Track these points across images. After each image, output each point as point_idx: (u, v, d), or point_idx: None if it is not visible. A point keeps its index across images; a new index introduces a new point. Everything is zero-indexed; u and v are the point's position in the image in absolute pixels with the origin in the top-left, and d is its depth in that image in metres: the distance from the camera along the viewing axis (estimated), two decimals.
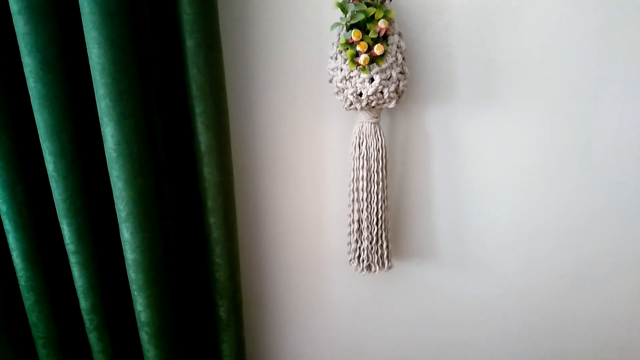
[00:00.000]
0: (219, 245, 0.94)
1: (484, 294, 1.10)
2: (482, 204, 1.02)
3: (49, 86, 0.78)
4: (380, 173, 0.92)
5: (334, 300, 1.15)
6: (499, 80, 0.92)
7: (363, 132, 0.91)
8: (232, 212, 0.94)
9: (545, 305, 1.09)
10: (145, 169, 0.83)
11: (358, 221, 0.96)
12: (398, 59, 0.84)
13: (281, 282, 1.15)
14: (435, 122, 0.97)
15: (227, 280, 0.97)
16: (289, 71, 0.96)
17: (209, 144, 0.86)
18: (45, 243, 0.93)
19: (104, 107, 0.77)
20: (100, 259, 0.93)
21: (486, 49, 0.91)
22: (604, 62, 0.90)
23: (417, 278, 1.11)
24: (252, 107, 0.99)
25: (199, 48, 0.80)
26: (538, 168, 0.98)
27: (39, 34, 0.75)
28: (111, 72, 0.75)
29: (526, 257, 1.05)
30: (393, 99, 0.86)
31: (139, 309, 0.92)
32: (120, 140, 0.79)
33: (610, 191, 0.98)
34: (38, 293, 0.94)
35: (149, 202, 0.85)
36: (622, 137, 0.94)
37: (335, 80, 0.87)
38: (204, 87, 0.82)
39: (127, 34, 0.75)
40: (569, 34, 0.88)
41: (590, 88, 0.92)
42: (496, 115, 0.95)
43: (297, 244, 1.10)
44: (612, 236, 1.02)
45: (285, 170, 1.04)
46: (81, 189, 0.86)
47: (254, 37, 0.94)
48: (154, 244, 0.88)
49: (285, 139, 1.01)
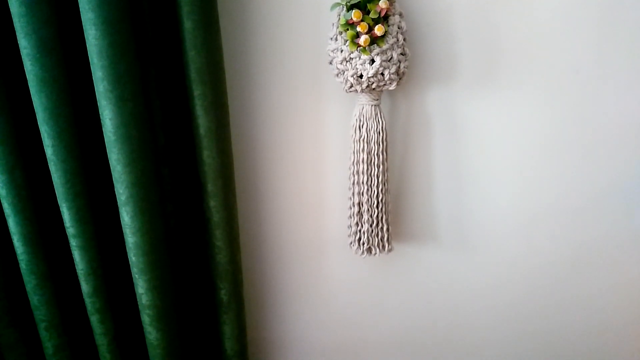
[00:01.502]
0: (219, 228, 0.94)
1: (483, 277, 1.11)
2: (483, 187, 1.02)
3: (46, 68, 0.78)
4: (380, 156, 0.92)
5: (334, 282, 1.15)
6: (501, 62, 0.92)
7: (363, 115, 0.90)
8: (232, 195, 0.94)
9: (545, 288, 1.10)
10: (144, 152, 0.82)
11: (358, 204, 0.96)
12: (399, 40, 0.83)
13: (282, 265, 1.15)
14: (436, 105, 0.96)
15: (227, 263, 0.98)
16: (288, 53, 0.95)
17: (208, 126, 0.85)
18: (46, 226, 0.93)
19: (102, 90, 0.76)
20: (100, 242, 0.93)
21: (488, 30, 0.90)
22: (606, 44, 0.89)
23: (417, 261, 1.11)
24: (251, 89, 0.98)
25: (197, 29, 0.79)
26: (539, 151, 0.98)
27: (34, 15, 0.75)
28: (109, 54, 0.74)
29: (526, 240, 1.06)
30: (394, 80, 0.85)
31: (140, 292, 0.93)
32: (119, 124, 0.79)
33: (611, 175, 0.98)
34: (39, 276, 0.95)
35: (149, 185, 0.85)
36: (624, 121, 0.94)
37: (335, 62, 0.86)
38: (202, 70, 0.81)
39: (125, 15, 0.74)
40: (572, 16, 0.87)
41: (592, 71, 0.91)
42: (498, 97, 0.94)
43: (298, 227, 1.10)
44: (612, 220, 1.02)
45: (285, 154, 1.03)
46: (80, 172, 0.86)
47: (252, 18, 0.93)
48: (154, 227, 0.88)
49: (285, 122, 1.01)
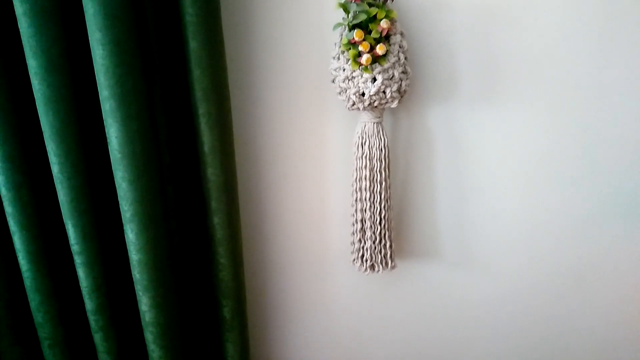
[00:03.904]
0: (223, 245, 0.94)
1: (487, 293, 1.10)
2: (485, 203, 1.02)
3: (53, 88, 0.79)
4: (383, 173, 0.92)
5: (337, 300, 1.15)
6: (501, 79, 0.93)
7: (366, 132, 0.91)
8: (235, 212, 0.94)
9: (548, 303, 1.09)
10: (149, 170, 0.83)
11: (361, 221, 0.96)
12: (400, 59, 0.84)
13: (285, 282, 1.15)
14: (437, 122, 0.97)
15: (231, 280, 0.98)
16: (291, 72, 0.96)
17: (213, 144, 0.86)
18: (51, 244, 0.94)
19: (109, 108, 0.78)
20: (105, 259, 0.93)
21: (488, 48, 0.91)
22: (605, 60, 0.90)
23: (420, 277, 1.11)
24: (255, 107, 0.99)
25: (202, 49, 0.80)
26: (540, 167, 0.98)
27: (43, 35, 0.76)
28: (115, 73, 0.75)
29: (529, 256, 1.05)
30: (395, 98, 0.86)
31: (143, 309, 0.93)
32: (125, 142, 0.79)
33: (612, 189, 0.98)
34: (43, 294, 0.95)
35: (154, 203, 0.85)
36: (624, 134, 0.94)
37: (337, 80, 0.87)
38: (207, 88, 0.82)
39: (131, 35, 0.76)
40: (571, 33, 0.89)
41: (591, 86, 0.92)
42: (498, 114, 0.95)
43: (301, 244, 1.11)
44: (614, 234, 1.02)
45: (289, 171, 1.04)
46: (86, 190, 0.87)
47: (256, 38, 0.94)
48: (158, 244, 0.88)
49: (288, 140, 1.01)
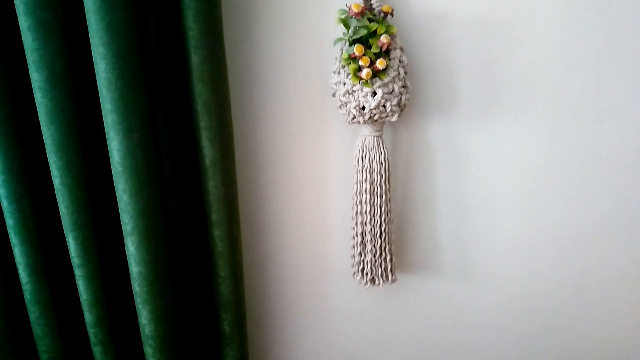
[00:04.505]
0: (223, 258, 0.94)
1: (488, 306, 1.10)
2: (485, 215, 1.02)
3: (56, 101, 0.79)
4: (383, 186, 0.93)
5: (338, 313, 1.15)
6: (500, 92, 0.93)
7: (366, 145, 0.91)
8: (236, 225, 0.95)
9: (550, 315, 1.09)
10: (150, 183, 0.83)
11: (362, 234, 0.96)
12: (400, 73, 0.85)
13: (285, 296, 1.14)
14: (437, 135, 0.97)
15: (230, 293, 0.97)
16: (292, 86, 0.97)
17: (214, 157, 0.86)
18: (51, 256, 0.94)
19: (111, 121, 0.78)
20: (105, 272, 0.93)
21: (487, 62, 0.92)
22: (604, 74, 0.91)
23: (421, 291, 1.10)
24: (256, 121, 1.00)
25: (204, 63, 0.81)
26: (540, 179, 0.98)
27: (47, 49, 0.77)
28: (118, 87, 0.76)
29: (530, 268, 1.05)
30: (395, 112, 0.87)
31: (143, 323, 0.92)
32: (126, 154, 0.80)
33: (612, 201, 0.99)
34: (43, 306, 0.94)
35: (154, 216, 0.86)
36: (624, 147, 0.95)
37: (338, 94, 0.87)
38: (209, 102, 0.83)
39: (134, 49, 0.77)
40: (570, 46, 0.89)
41: (590, 99, 0.92)
42: (498, 126, 0.95)
43: (301, 258, 1.10)
44: (615, 246, 1.02)
45: (289, 184, 1.04)
46: (87, 202, 0.87)
47: (258, 52, 0.95)
48: (158, 257, 0.88)
49: (289, 153, 1.02)
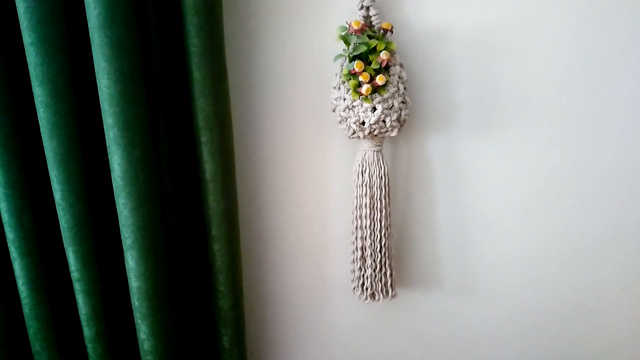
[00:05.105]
0: (223, 273, 0.94)
1: (488, 321, 1.09)
2: (485, 231, 1.02)
3: (58, 115, 0.80)
4: (383, 201, 0.93)
5: (338, 329, 1.14)
6: (499, 108, 0.94)
7: (366, 160, 0.92)
8: (236, 239, 0.95)
9: (550, 331, 1.08)
10: (151, 197, 0.84)
11: (361, 249, 0.96)
12: (400, 89, 0.86)
13: (285, 311, 1.14)
14: (437, 150, 0.98)
15: (230, 308, 0.97)
16: (293, 101, 0.98)
17: (214, 171, 0.87)
18: (51, 271, 0.93)
19: (112, 136, 0.79)
20: (104, 286, 0.93)
21: (486, 79, 0.92)
22: (602, 89, 0.91)
23: (421, 306, 1.10)
24: (256, 136, 1.01)
25: (205, 79, 0.81)
26: (540, 194, 0.98)
27: (50, 65, 0.77)
28: (120, 102, 0.77)
29: (530, 283, 1.05)
30: (395, 127, 0.87)
31: (142, 338, 0.92)
32: (128, 169, 0.80)
33: (611, 217, 0.99)
34: (42, 321, 0.94)
35: (154, 230, 0.86)
36: (623, 162, 0.95)
37: (338, 110, 0.88)
38: (210, 117, 0.83)
39: (136, 65, 0.77)
40: (569, 64, 0.90)
41: (589, 114, 0.93)
42: (497, 142, 0.96)
43: (301, 272, 1.10)
44: (615, 262, 1.01)
45: (290, 198, 1.05)
46: (88, 216, 0.87)
47: (259, 68, 0.96)
48: (158, 271, 0.88)
49: (289, 168, 1.02)
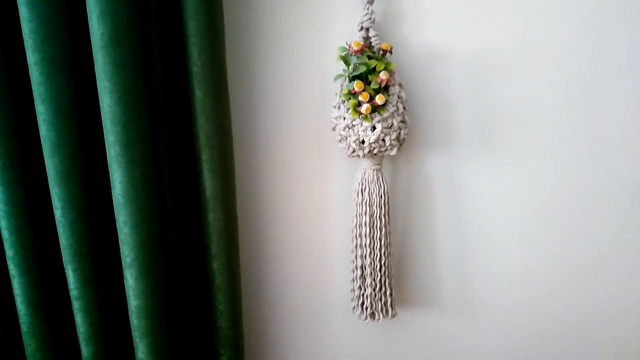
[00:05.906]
0: (222, 291, 0.93)
1: (489, 341, 1.08)
2: (485, 249, 1.02)
3: (60, 133, 0.80)
4: (383, 219, 0.93)
5: (337, 348, 1.13)
6: (498, 126, 0.95)
7: (366, 179, 0.92)
8: (235, 257, 0.94)
9: (551, 351, 1.07)
10: (151, 215, 0.84)
11: (361, 267, 0.96)
12: (399, 109, 0.86)
13: (284, 331, 1.13)
14: (436, 169, 0.98)
15: (229, 328, 0.96)
16: (293, 120, 0.99)
17: (215, 189, 0.87)
18: (49, 289, 0.93)
19: (114, 154, 0.79)
20: (103, 305, 0.92)
21: (485, 98, 0.93)
22: (601, 108, 0.92)
23: (421, 325, 1.09)
24: (257, 154, 1.01)
25: (207, 98, 0.82)
26: (540, 213, 0.99)
27: (53, 83, 0.78)
28: (122, 120, 0.77)
29: (531, 303, 1.04)
30: (395, 146, 0.88)
31: (140, 357, 0.91)
32: (128, 187, 0.80)
33: (611, 235, 0.99)
34: (40, 340, 0.93)
35: (154, 248, 0.85)
36: (621, 182, 0.95)
37: (338, 129, 0.89)
38: (211, 135, 0.84)
39: (139, 84, 0.78)
40: (567, 82, 0.91)
41: (588, 133, 0.94)
42: (497, 161, 0.96)
43: (300, 291, 1.10)
44: (616, 280, 1.01)
45: (289, 217, 1.05)
46: (88, 234, 0.87)
47: (260, 88, 0.97)
48: (157, 290, 0.88)
49: (289, 186, 1.03)
